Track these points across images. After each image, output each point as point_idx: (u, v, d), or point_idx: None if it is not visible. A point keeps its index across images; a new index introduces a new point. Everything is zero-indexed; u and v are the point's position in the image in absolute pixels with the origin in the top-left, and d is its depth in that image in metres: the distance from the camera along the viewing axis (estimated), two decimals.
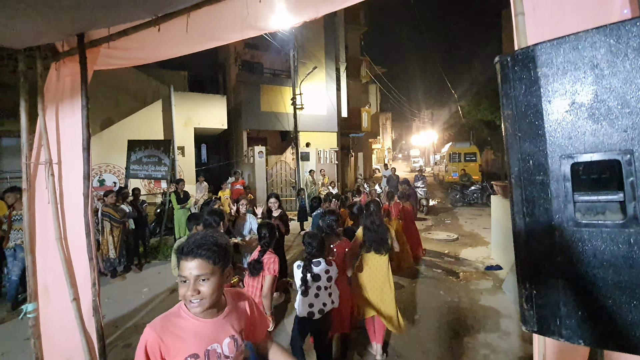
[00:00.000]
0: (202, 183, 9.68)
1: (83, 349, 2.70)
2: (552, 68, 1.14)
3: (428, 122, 43.78)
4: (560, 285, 1.12)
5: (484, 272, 5.83)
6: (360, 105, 19.14)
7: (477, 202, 13.09)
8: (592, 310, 1.06)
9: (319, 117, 14.46)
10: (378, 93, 27.58)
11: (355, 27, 19.74)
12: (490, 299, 4.71)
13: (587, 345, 1.09)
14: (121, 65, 2.95)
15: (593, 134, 1.07)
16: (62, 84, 2.76)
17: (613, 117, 1.04)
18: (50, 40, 2.65)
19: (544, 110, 1.13)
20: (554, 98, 1.13)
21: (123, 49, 2.67)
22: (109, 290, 5.30)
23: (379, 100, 29.13)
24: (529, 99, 1.16)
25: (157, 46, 2.63)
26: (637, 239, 1.00)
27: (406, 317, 4.23)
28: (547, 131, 1.12)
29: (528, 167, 1.16)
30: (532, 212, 1.17)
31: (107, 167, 9.69)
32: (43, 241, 2.74)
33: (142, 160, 7.80)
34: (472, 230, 9.14)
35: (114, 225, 5.62)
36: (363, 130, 18.62)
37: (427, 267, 6.14)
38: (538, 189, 1.14)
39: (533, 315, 1.17)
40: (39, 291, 2.77)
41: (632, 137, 1.01)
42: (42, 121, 2.72)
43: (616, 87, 1.04)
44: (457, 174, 15.74)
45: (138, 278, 5.84)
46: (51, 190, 2.69)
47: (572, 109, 1.10)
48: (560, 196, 1.11)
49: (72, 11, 2.14)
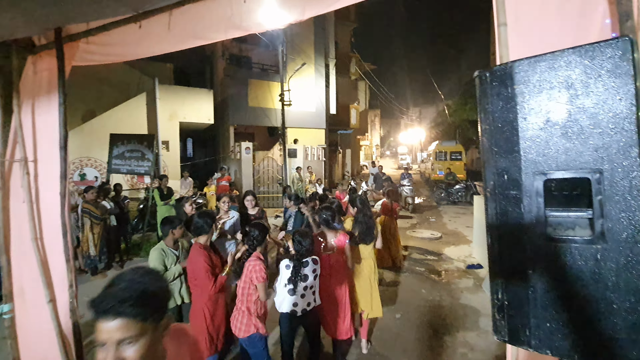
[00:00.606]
0: (187, 179, 9.53)
1: (59, 352, 2.64)
2: (529, 86, 1.16)
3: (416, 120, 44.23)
4: (530, 297, 1.16)
5: (466, 271, 5.96)
6: (349, 101, 19.15)
7: (461, 201, 13.32)
8: (560, 322, 1.10)
9: (307, 113, 14.40)
10: (367, 90, 27.62)
11: (345, 23, 19.66)
12: (471, 298, 4.82)
13: (554, 355, 1.13)
14: (101, 62, 2.85)
15: (565, 152, 1.10)
16: (38, 78, 2.66)
17: (585, 136, 1.08)
18: (26, 33, 2.55)
19: (519, 127, 1.16)
20: (530, 115, 1.15)
21: (102, 45, 2.58)
22: (89, 288, 5.18)
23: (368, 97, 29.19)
24: (506, 115, 1.19)
25: (138, 43, 2.55)
26: (604, 255, 1.04)
27: (388, 316, 4.29)
28: (522, 147, 1.15)
29: (503, 182, 1.18)
30: (506, 225, 1.20)
31: (89, 161, 9.43)
32: (18, 241, 2.66)
33: (124, 155, 7.62)
34: (455, 229, 9.32)
35: (94, 222, 5.49)
36: (351, 127, 18.65)
37: (411, 265, 6.23)
38: (512, 203, 1.17)
39: (504, 325, 1.21)
40: (14, 292, 2.69)
41: (602, 157, 1.05)
42: (17, 117, 2.63)
43: (589, 107, 1.07)
44: (443, 172, 15.98)
45: None
46: (26, 189, 2.60)
47: (547, 127, 1.13)
48: (532, 211, 1.14)
49: (49, 5, 2.06)
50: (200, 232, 2.74)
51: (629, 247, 1.01)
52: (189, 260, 2.70)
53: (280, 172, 12.27)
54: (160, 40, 2.47)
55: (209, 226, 2.74)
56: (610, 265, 1.03)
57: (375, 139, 44.86)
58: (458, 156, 17.63)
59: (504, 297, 1.22)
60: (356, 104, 20.36)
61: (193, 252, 2.68)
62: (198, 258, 2.63)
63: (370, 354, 3.53)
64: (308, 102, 14.45)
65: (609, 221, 1.03)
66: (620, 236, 1.02)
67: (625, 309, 1.00)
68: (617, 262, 1.02)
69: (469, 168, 19.68)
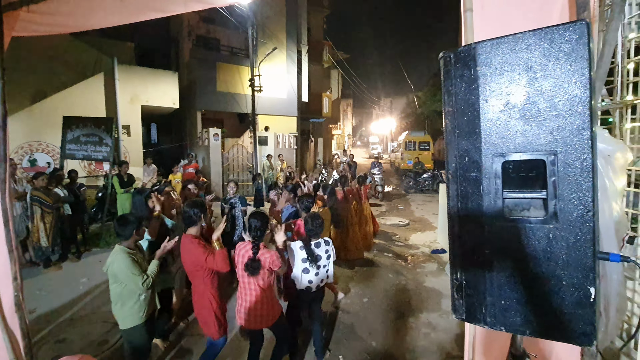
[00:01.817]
0: (150, 165, 9.12)
1: (6, 349, 2.44)
2: (491, 67, 1.16)
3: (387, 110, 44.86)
4: (487, 276, 1.19)
5: (430, 256, 6.19)
6: (322, 90, 19.02)
7: (428, 189, 13.79)
8: (513, 299, 1.14)
9: (278, 100, 14.15)
10: (340, 79, 27.54)
11: (318, 9, 19.32)
12: (434, 281, 5.02)
13: (507, 331, 1.17)
14: (46, 33, 2.58)
15: (523, 135, 1.12)
16: None
17: (542, 119, 1.09)
18: None
19: (480, 109, 1.16)
20: (491, 98, 1.16)
21: (48, 14, 2.33)
22: (41, 281, 4.84)
23: (341, 86, 29.14)
24: (468, 97, 1.18)
25: (89, 13, 2.33)
26: (556, 234, 1.08)
27: (356, 300, 4.37)
28: (483, 130, 1.16)
29: (464, 164, 1.19)
30: (466, 207, 1.21)
31: (40, 146, 8.72)
32: None
33: (80, 140, 7.11)
34: (422, 216, 9.64)
35: (45, 210, 5.09)
36: (324, 115, 18.58)
37: (379, 252, 6.38)
38: (472, 185, 1.19)
39: (462, 305, 1.24)
40: None
41: (556, 139, 1.08)
42: None
43: (546, 90, 1.09)
44: (412, 161, 16.40)
45: (76, 268, 5.40)
46: None
47: (506, 109, 1.14)
48: (491, 192, 1.16)
49: None
50: (190, 222, 2.61)
51: (579, 227, 1.05)
52: (184, 253, 2.58)
53: (250, 160, 12.04)
54: (113, 11, 2.27)
55: (198, 217, 2.62)
56: (561, 244, 1.06)
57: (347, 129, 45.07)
58: (426, 146, 18.14)
59: (462, 277, 1.25)
60: (328, 93, 20.26)
61: (186, 244, 2.57)
62: (194, 247, 2.52)
63: (336, 337, 3.58)
64: (279, 89, 14.18)
65: (561, 202, 1.07)
66: (571, 216, 1.05)
67: (573, 285, 1.04)
68: (567, 241, 1.06)
69: (436, 158, 20.32)
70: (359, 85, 28.45)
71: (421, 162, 15.31)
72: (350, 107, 48.18)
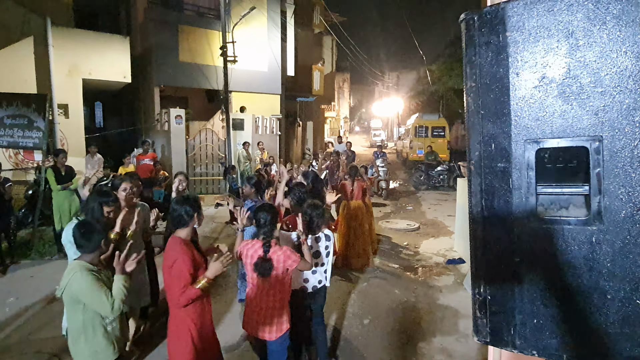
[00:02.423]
0: (94, 155, 9.01)
1: None
2: (523, 33, 1.17)
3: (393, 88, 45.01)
4: (516, 290, 1.22)
5: (445, 267, 6.28)
6: (312, 61, 18.94)
7: (443, 185, 13.93)
8: (548, 317, 1.17)
9: (257, 74, 14.04)
10: (334, 48, 27.44)
11: None
12: (450, 298, 5.10)
13: (541, 356, 1.20)
14: None
15: (562, 116, 1.13)
16: None
17: (585, 96, 1.11)
18: None
19: (510, 85, 1.17)
20: (523, 70, 1.17)
21: None
22: None
23: (335, 56, 29.06)
24: (495, 70, 1.20)
25: None
26: (599, 238, 1.10)
27: (354, 323, 4.41)
28: (513, 110, 1.17)
29: (490, 152, 1.21)
30: (491, 204, 1.23)
31: None
32: None
33: (3, 122, 6.95)
34: (435, 218, 9.74)
35: None
36: (314, 93, 18.53)
37: (383, 262, 6.43)
38: (499, 177, 1.20)
39: (486, 324, 1.26)
40: None
41: (602, 122, 1.09)
42: None
43: (590, 61, 1.10)
44: (423, 151, 16.52)
45: (0, 285, 5.32)
46: None
47: (542, 85, 1.15)
48: (522, 187, 1.18)
49: None
50: (179, 223, 2.59)
51: (627, 229, 1.07)
52: (167, 259, 2.52)
53: (222, 149, 11.96)
54: None
55: (190, 216, 2.60)
56: (606, 250, 1.09)
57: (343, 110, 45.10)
58: (441, 132, 18.28)
59: (486, 292, 1.27)
60: (320, 65, 20.18)
61: (171, 248, 2.53)
62: (178, 256, 2.45)
63: None
64: (259, 60, 14.07)
65: (607, 198, 1.09)
66: (618, 215, 1.08)
67: (619, 299, 1.07)
68: (613, 246, 1.09)
69: (453, 147, 20.53)
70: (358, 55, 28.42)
71: (435, 151, 15.44)
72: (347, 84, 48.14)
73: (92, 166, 8.93)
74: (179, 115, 11.40)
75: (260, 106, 14.32)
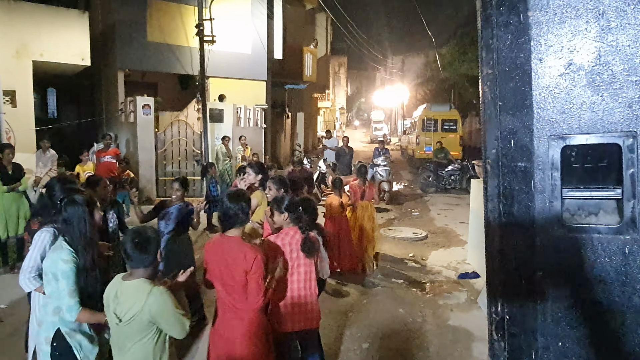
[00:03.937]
0: (47, 151, 8.91)
1: None
2: (548, 13, 1.19)
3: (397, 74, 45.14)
4: (538, 307, 1.23)
5: (457, 282, 6.30)
6: (303, 42, 18.95)
7: (454, 187, 14.00)
8: (574, 339, 1.18)
9: (239, 56, 14.02)
10: (329, 27, 27.53)
11: None
12: (462, 318, 5.12)
13: None
14: None
15: (591, 109, 1.15)
16: None
17: (617, 86, 1.13)
18: None
19: (533, 72, 1.19)
20: (547, 56, 1.19)
21: None
22: None
23: (331, 37, 29.14)
24: (516, 55, 1.21)
25: None
26: (633, 248, 1.12)
27: (351, 346, 4.42)
28: (536, 101, 1.19)
29: (509, 150, 1.22)
30: (510, 209, 1.25)
31: None
32: None
33: None
34: (445, 226, 9.78)
35: None
36: (305, 79, 18.54)
37: (385, 276, 6.45)
38: (519, 179, 1.22)
39: (504, 348, 1.28)
40: None
41: (637, 115, 1.11)
42: None
43: (624, 45, 1.12)
44: (432, 148, 16.58)
45: None
46: None
47: (568, 73, 1.17)
48: (545, 190, 1.20)
49: None
50: (233, 222, 2.78)
51: None
52: (234, 262, 2.69)
53: (197, 144, 11.91)
54: None
55: (246, 213, 2.83)
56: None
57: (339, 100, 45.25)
58: (452, 126, 18.38)
59: (504, 310, 1.28)
60: (313, 47, 20.20)
61: (238, 249, 2.70)
62: (255, 255, 2.69)
63: None
64: (241, 41, 14.04)
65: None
66: None
67: None
68: None
69: (467, 143, 20.63)
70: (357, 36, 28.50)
71: (445, 148, 15.51)
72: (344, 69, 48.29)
73: (44, 164, 8.83)
74: (146, 105, 11.33)
75: (242, 94, 14.29)
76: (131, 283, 2.37)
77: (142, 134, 11.31)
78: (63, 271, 2.57)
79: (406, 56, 46.98)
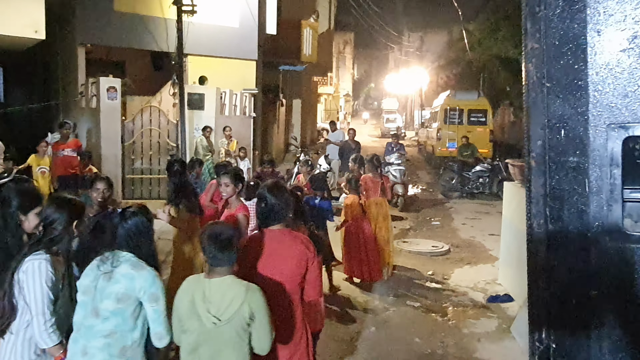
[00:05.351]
0: None
1: None
2: None
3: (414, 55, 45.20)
4: (592, 334, 1.21)
5: (486, 306, 6.28)
6: (301, 15, 18.99)
7: (483, 192, 13.98)
8: None
9: (225, 31, 14.03)
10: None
11: None
12: (492, 350, 5.11)
13: None
14: None
15: None
16: None
17: None
18: None
19: (589, 47, 1.17)
20: (607, 27, 1.17)
21: None
22: None
23: (335, 8, 29.16)
24: (568, 26, 1.19)
25: None
26: None
27: None
28: (592, 82, 1.17)
29: (558, 141, 1.20)
30: (560, 215, 1.23)
31: None
32: None
33: None
34: (472, 238, 9.77)
35: None
36: (304, 60, 18.56)
37: (399, 298, 6.43)
38: (571, 177, 1.20)
39: None
40: None
41: None
42: None
43: None
44: (456, 144, 16.56)
45: None
46: None
47: (632, 48, 1.16)
48: (603, 191, 1.18)
49: None
50: (278, 216, 3.04)
51: None
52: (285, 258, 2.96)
53: (172, 136, 11.91)
54: None
55: (290, 206, 3.12)
56: None
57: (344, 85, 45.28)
58: (481, 117, 18.37)
59: (550, 339, 1.27)
60: (313, 20, 20.21)
61: (293, 241, 3.02)
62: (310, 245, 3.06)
63: None
64: (227, 12, 14.05)
65: None
66: None
67: None
68: None
69: (498, 138, 20.60)
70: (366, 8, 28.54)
71: (472, 144, 15.48)
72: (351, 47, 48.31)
73: None
74: (112, 87, 11.32)
75: (227, 77, 14.30)
76: (222, 280, 2.61)
77: (106, 123, 11.28)
78: (163, 289, 2.73)
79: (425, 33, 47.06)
